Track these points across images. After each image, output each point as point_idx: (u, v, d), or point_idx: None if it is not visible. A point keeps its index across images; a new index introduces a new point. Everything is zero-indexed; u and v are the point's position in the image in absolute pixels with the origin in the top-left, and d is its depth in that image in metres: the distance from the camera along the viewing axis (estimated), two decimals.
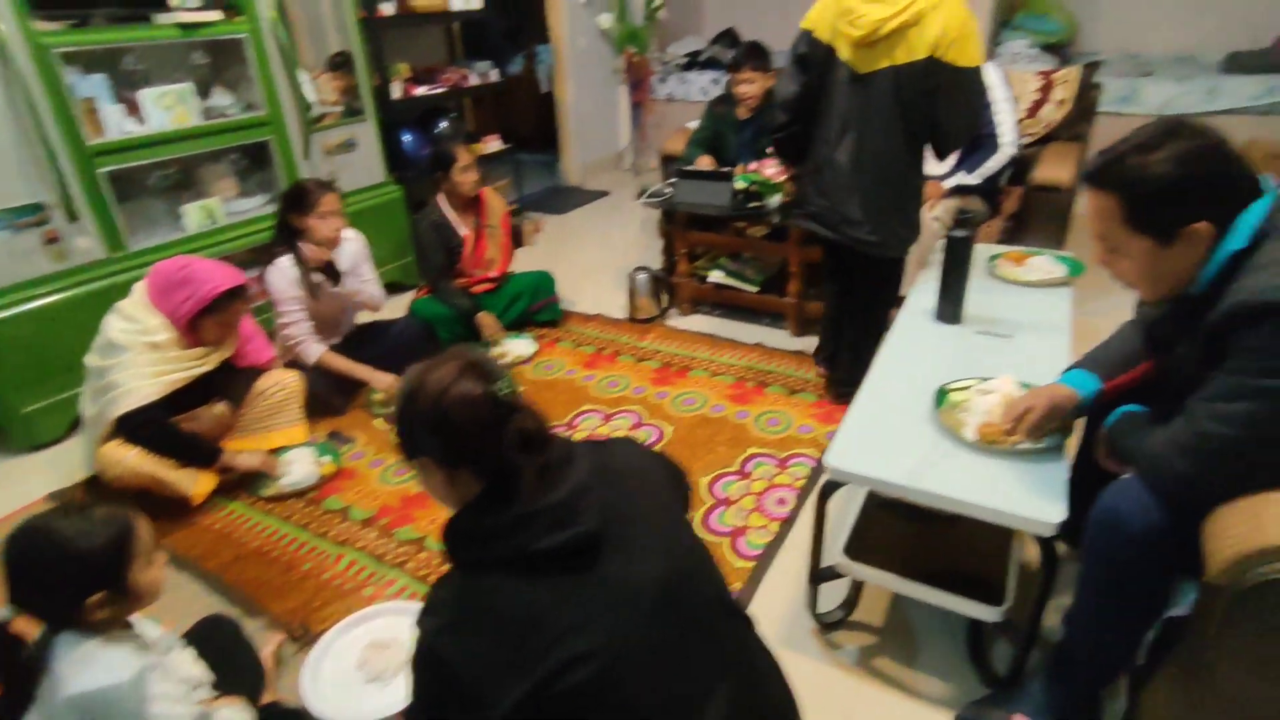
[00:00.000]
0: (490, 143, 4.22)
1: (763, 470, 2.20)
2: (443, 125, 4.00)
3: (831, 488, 1.48)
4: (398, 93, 3.68)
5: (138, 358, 1.98)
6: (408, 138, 3.81)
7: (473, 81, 4.12)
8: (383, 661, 1.56)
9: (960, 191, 2.92)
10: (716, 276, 3.21)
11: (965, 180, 2.89)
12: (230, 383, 2.28)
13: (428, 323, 2.91)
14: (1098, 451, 1.36)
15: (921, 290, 2.04)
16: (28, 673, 1.08)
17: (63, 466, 2.39)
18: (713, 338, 3.05)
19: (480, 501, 0.87)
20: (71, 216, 2.45)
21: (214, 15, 2.72)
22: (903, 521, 1.66)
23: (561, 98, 5.21)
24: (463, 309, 2.98)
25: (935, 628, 1.64)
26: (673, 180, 3.20)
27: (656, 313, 3.24)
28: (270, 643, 1.63)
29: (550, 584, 0.83)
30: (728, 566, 1.85)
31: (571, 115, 5.28)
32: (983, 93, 1.99)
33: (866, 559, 1.49)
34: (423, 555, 1.94)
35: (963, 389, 1.53)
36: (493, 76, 4.23)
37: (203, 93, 2.90)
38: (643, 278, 3.19)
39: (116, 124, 2.57)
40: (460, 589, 0.86)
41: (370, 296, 2.67)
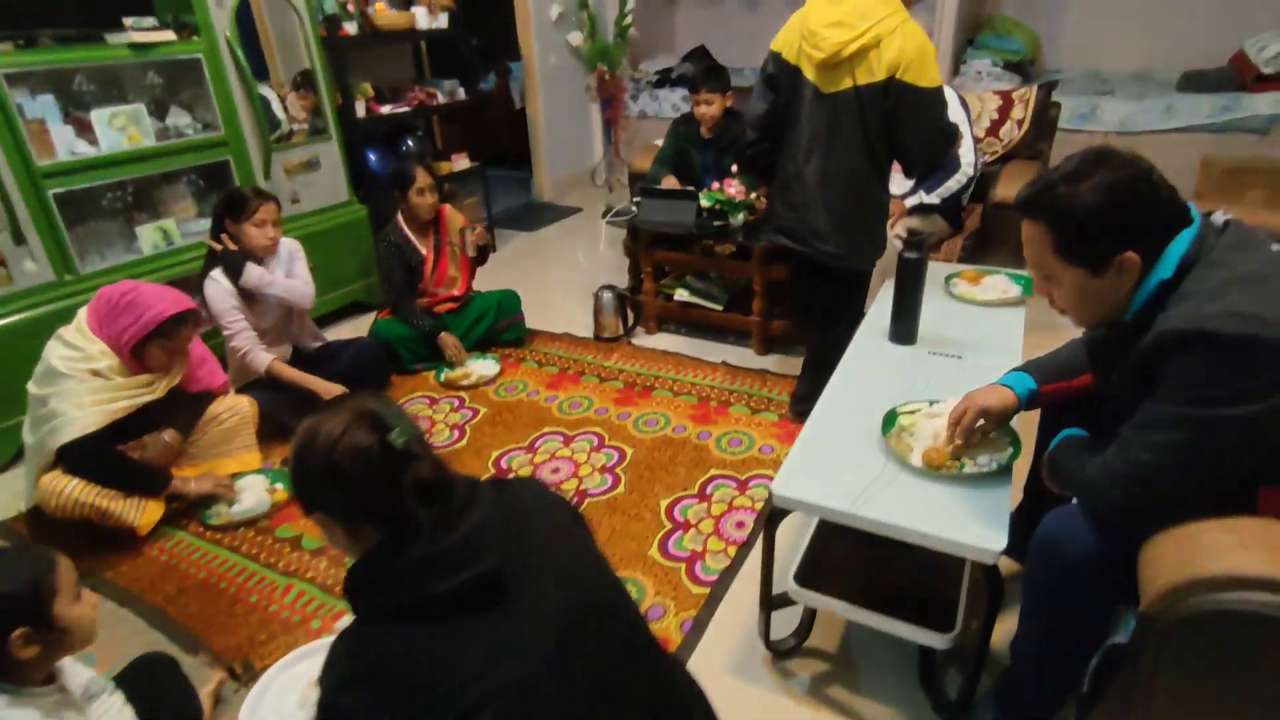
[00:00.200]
0: (459, 160, 4.21)
1: (722, 493, 2.18)
2: (408, 144, 3.97)
3: (779, 515, 1.46)
4: (362, 111, 3.66)
5: (79, 386, 1.93)
6: (373, 156, 3.78)
7: (440, 100, 4.11)
8: None
9: (923, 209, 2.94)
10: (682, 295, 3.21)
11: (925, 199, 2.92)
12: (180, 409, 2.23)
13: (385, 343, 2.86)
14: (1043, 473, 1.36)
15: (877, 311, 2.04)
16: None
17: (4, 496, 2.32)
18: (678, 356, 3.03)
19: (380, 548, 0.85)
20: (18, 239, 2.40)
21: (167, 35, 2.68)
22: (857, 546, 1.64)
23: (533, 114, 5.22)
24: (424, 329, 2.95)
25: (888, 653, 1.63)
26: (637, 199, 3.19)
27: (621, 331, 3.22)
28: (210, 681, 1.58)
29: (453, 627, 0.81)
30: (684, 593, 1.83)
31: (543, 132, 5.28)
32: (945, 111, 2.03)
33: (818, 585, 1.47)
34: None
35: (911, 412, 1.53)
36: (460, 95, 4.22)
37: (159, 113, 2.86)
38: (608, 296, 3.17)
39: (67, 145, 2.53)
40: (361, 642, 0.83)
41: (297, 290, 2.54)
